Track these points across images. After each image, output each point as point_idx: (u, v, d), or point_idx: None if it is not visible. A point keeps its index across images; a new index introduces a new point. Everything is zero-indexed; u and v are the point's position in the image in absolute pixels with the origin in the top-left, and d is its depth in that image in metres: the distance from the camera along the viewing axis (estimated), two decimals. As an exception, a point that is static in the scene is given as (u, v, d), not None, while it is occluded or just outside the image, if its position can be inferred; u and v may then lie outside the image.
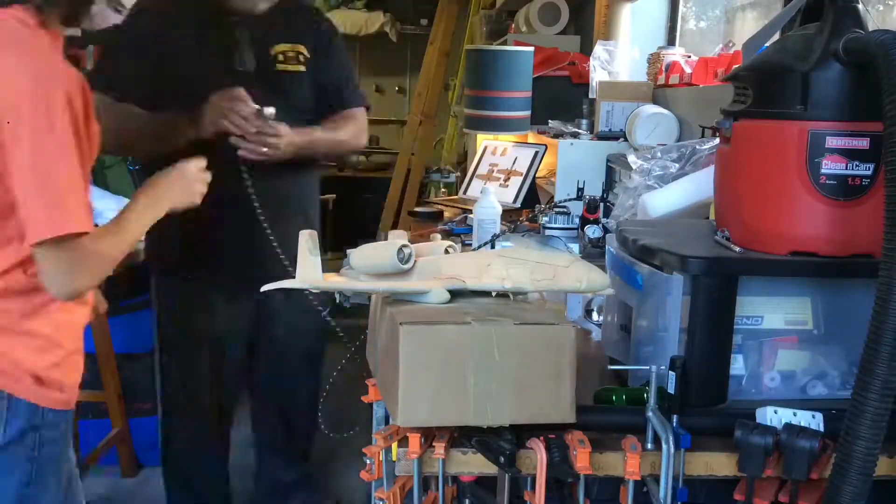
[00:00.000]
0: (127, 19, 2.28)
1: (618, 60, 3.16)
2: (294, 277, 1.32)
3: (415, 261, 1.31)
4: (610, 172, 2.70)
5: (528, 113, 3.15)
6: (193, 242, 2.21)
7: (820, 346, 1.32)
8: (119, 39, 2.34)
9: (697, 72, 2.60)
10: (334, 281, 1.35)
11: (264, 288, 1.33)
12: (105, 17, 1.58)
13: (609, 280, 1.26)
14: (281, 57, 2.23)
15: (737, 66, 1.83)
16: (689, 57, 2.80)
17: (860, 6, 1.21)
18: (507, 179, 3.13)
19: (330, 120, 2.31)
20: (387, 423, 1.26)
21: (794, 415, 1.16)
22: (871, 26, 1.21)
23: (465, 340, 1.12)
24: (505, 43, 4.18)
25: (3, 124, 1.32)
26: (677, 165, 2.06)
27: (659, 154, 2.11)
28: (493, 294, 1.28)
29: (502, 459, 1.13)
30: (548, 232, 2.28)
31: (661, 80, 2.82)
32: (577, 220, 2.32)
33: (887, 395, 1.03)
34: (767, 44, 1.37)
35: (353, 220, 6.19)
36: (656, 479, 1.15)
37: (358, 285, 1.32)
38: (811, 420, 1.16)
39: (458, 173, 4.55)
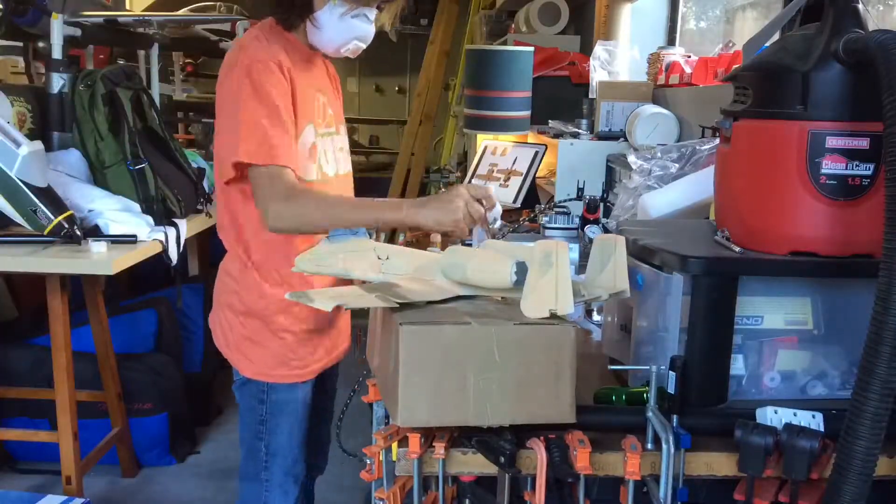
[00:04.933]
0: None
1: (618, 60, 3.15)
2: None
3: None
4: (610, 172, 2.70)
5: (528, 113, 3.15)
6: None
7: (820, 346, 1.32)
8: None
9: (697, 72, 2.60)
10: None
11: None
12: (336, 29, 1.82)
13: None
14: None
15: (737, 66, 1.83)
16: (689, 57, 2.80)
17: (860, 6, 1.21)
18: (507, 179, 3.13)
19: None
20: (387, 422, 1.26)
21: (794, 415, 1.16)
22: (871, 26, 1.21)
23: (465, 340, 1.12)
24: (505, 43, 4.18)
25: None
26: (677, 165, 2.06)
27: (659, 154, 2.10)
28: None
29: (502, 459, 1.13)
30: (548, 232, 2.28)
31: (661, 80, 2.82)
32: (577, 220, 2.32)
33: (887, 395, 1.03)
34: (767, 44, 1.37)
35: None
36: (656, 479, 1.15)
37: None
38: (811, 420, 1.16)
39: (458, 173, 4.54)
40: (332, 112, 1.88)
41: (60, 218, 2.41)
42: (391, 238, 2.04)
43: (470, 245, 1.53)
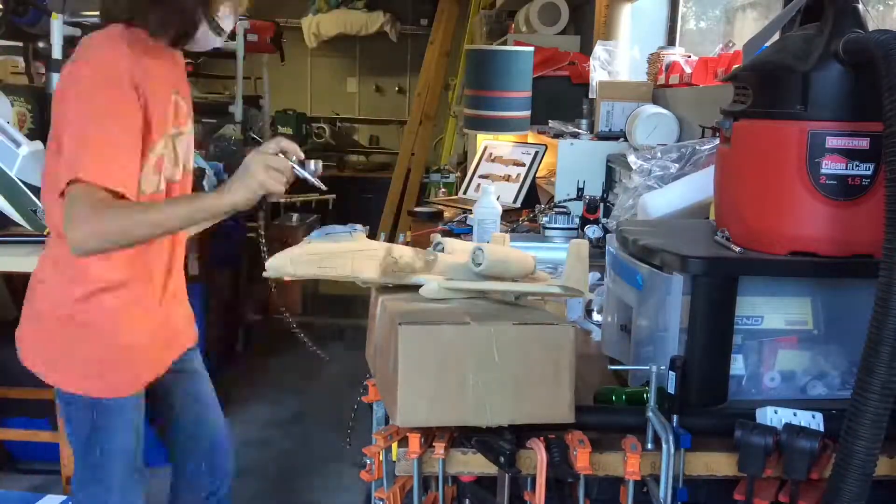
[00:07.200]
0: None
1: (618, 60, 3.16)
2: None
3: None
4: (610, 172, 2.70)
5: (528, 113, 3.15)
6: None
7: (820, 346, 1.32)
8: None
9: (697, 72, 2.60)
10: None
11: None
12: (207, 40, 1.69)
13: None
14: None
15: (737, 66, 1.83)
16: (689, 57, 2.80)
17: (860, 6, 1.21)
18: (507, 179, 3.13)
19: None
20: (387, 423, 1.26)
21: (794, 415, 1.16)
22: (871, 26, 1.21)
23: (464, 340, 1.12)
24: (505, 43, 4.18)
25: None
26: (677, 166, 2.06)
27: (659, 154, 2.11)
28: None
29: (502, 459, 1.13)
30: (548, 232, 2.28)
31: (661, 80, 2.82)
32: (577, 220, 2.32)
33: (887, 395, 1.03)
34: (767, 44, 1.37)
35: (353, 220, 6.18)
36: (656, 479, 1.15)
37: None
38: (811, 420, 1.16)
39: (458, 173, 4.54)
40: (185, 107, 1.78)
41: (60, 218, 2.41)
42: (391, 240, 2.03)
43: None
